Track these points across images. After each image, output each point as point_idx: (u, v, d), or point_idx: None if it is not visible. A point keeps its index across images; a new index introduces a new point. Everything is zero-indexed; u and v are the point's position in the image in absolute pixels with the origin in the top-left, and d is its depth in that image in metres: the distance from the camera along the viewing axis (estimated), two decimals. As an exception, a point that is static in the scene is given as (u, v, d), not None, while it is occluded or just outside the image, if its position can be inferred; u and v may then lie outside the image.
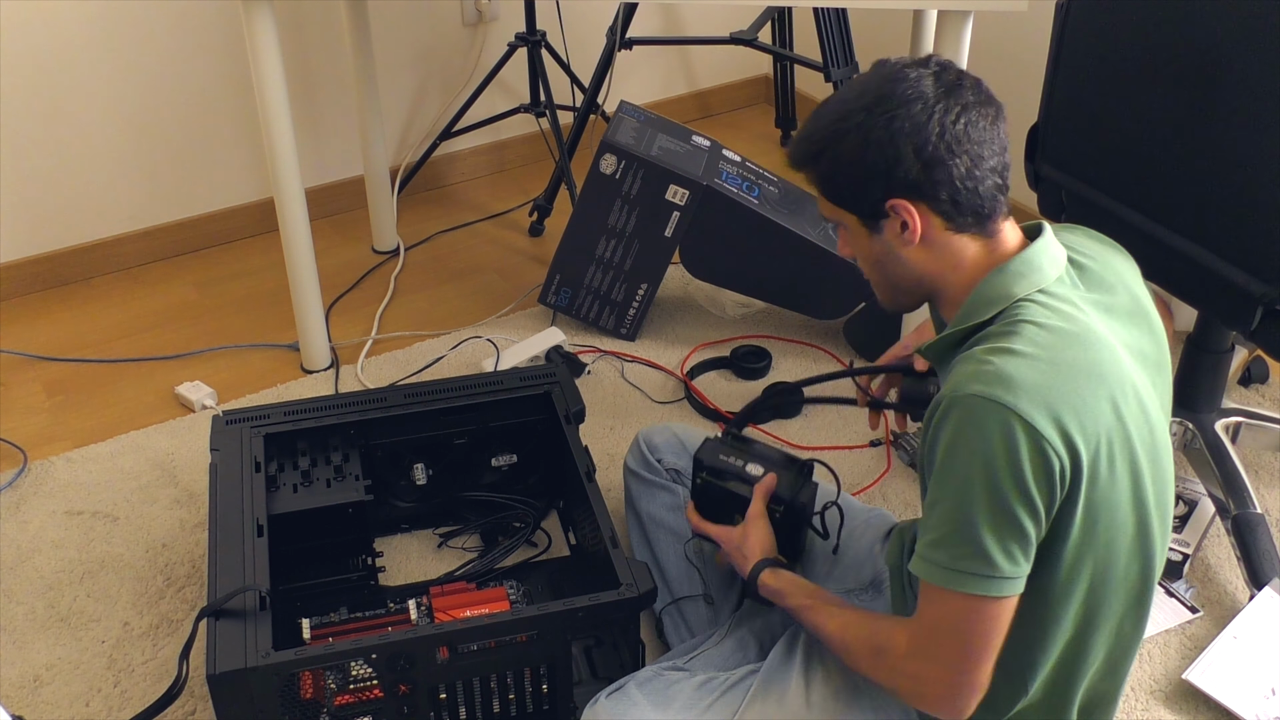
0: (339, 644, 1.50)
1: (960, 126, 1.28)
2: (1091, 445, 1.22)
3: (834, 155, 1.31)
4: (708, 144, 2.49)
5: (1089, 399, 1.22)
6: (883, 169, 1.28)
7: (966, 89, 1.31)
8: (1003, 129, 1.33)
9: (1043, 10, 2.08)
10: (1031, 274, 1.30)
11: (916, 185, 1.28)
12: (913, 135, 1.27)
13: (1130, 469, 1.27)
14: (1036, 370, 1.21)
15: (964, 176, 1.28)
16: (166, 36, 2.62)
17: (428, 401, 1.92)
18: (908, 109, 1.27)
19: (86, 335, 2.57)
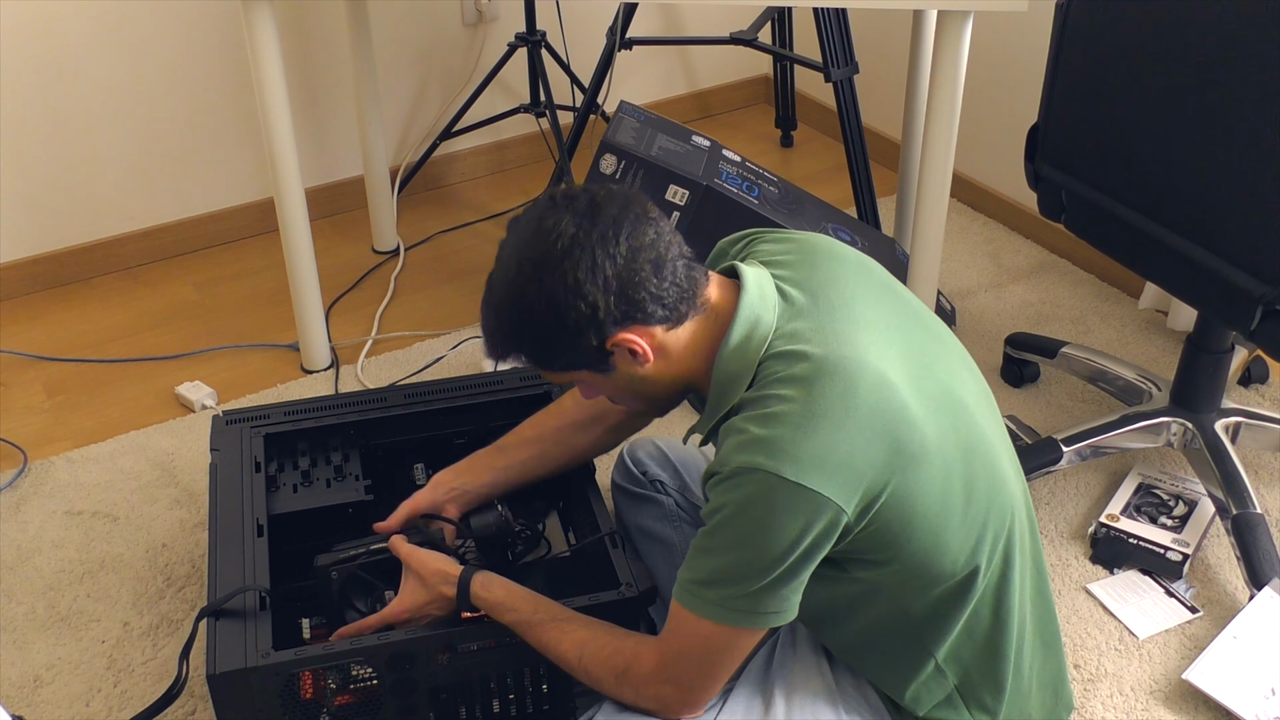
0: (339, 644, 1.50)
1: (625, 244, 1.28)
2: (869, 476, 1.24)
3: (532, 333, 1.32)
4: (708, 144, 2.49)
5: (853, 434, 1.24)
6: (586, 319, 1.28)
7: (603, 206, 1.30)
8: (659, 219, 1.33)
9: (1043, 10, 2.08)
10: (756, 329, 1.31)
11: (625, 315, 1.29)
12: (591, 277, 1.27)
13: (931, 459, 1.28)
14: (796, 429, 1.23)
15: (658, 282, 1.29)
16: (167, 37, 2.62)
17: (428, 401, 1.92)
18: (571, 259, 1.27)
19: (86, 335, 2.57)
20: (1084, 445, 2.03)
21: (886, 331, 1.34)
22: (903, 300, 1.42)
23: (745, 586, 1.27)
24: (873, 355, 1.29)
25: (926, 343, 1.38)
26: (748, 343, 1.31)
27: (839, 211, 2.54)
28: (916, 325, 1.39)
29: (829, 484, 1.22)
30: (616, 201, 1.31)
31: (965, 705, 1.42)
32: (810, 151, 3.29)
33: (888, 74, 3.01)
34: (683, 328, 1.33)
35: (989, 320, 2.55)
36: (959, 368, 1.41)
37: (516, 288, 1.30)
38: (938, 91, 2.02)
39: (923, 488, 1.28)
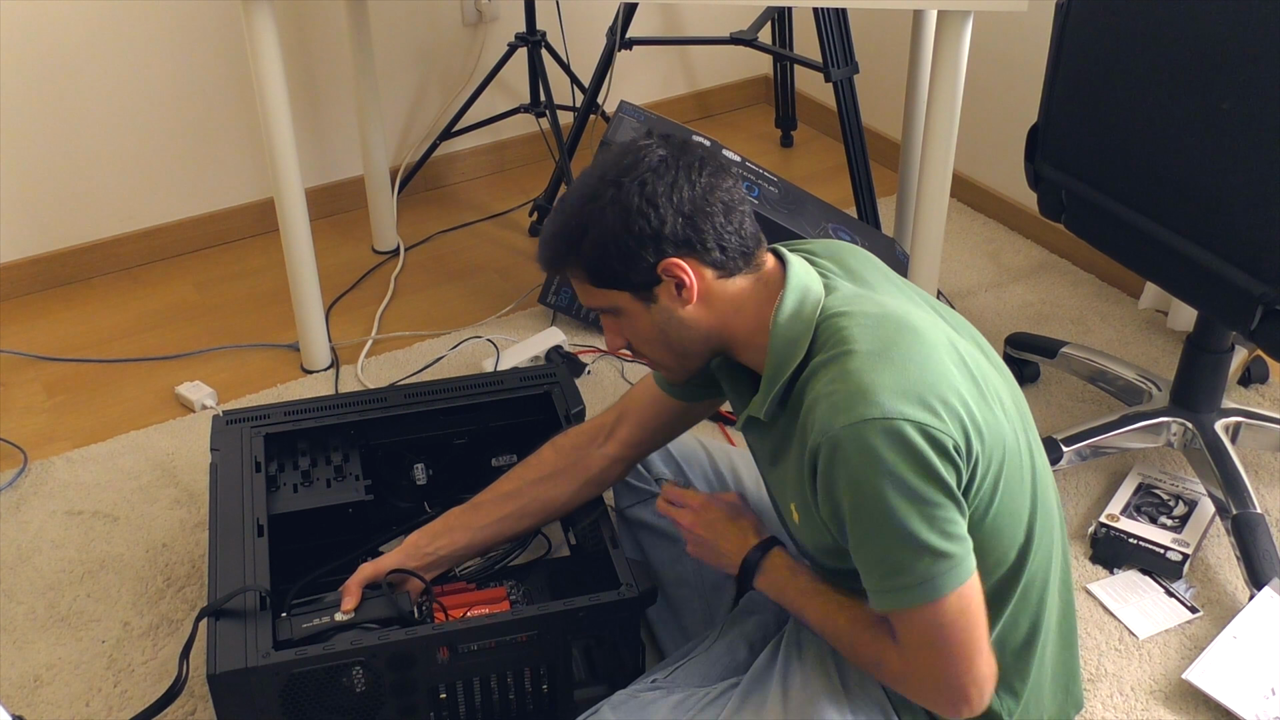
0: (339, 644, 1.50)
1: (706, 179, 1.32)
2: (962, 407, 1.24)
3: (596, 235, 1.32)
4: (708, 144, 2.48)
5: (939, 370, 1.25)
6: (650, 234, 1.30)
7: (694, 147, 1.35)
8: (736, 176, 1.37)
9: (1043, 10, 2.08)
10: (808, 295, 1.33)
11: (686, 241, 1.31)
12: (668, 194, 1.30)
13: (1000, 405, 1.31)
14: (881, 369, 1.23)
15: (725, 222, 1.32)
16: (167, 36, 2.62)
17: (428, 401, 1.92)
18: (655, 174, 1.30)
19: (86, 335, 2.57)
20: (1084, 445, 2.03)
21: (926, 310, 1.37)
22: (928, 299, 1.45)
23: (913, 544, 1.23)
24: (927, 321, 1.32)
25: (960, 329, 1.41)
26: (801, 307, 1.32)
27: (839, 211, 2.54)
28: (948, 316, 1.43)
29: (929, 414, 1.21)
30: (705, 150, 1.35)
31: (999, 689, 1.41)
32: (810, 151, 3.29)
33: (888, 74, 3.01)
34: (733, 281, 1.34)
35: (989, 320, 2.55)
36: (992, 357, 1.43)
37: (593, 191, 1.32)
38: (938, 91, 2.02)
39: (1003, 440, 1.29)
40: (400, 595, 1.57)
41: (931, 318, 1.35)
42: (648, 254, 1.31)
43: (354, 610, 1.55)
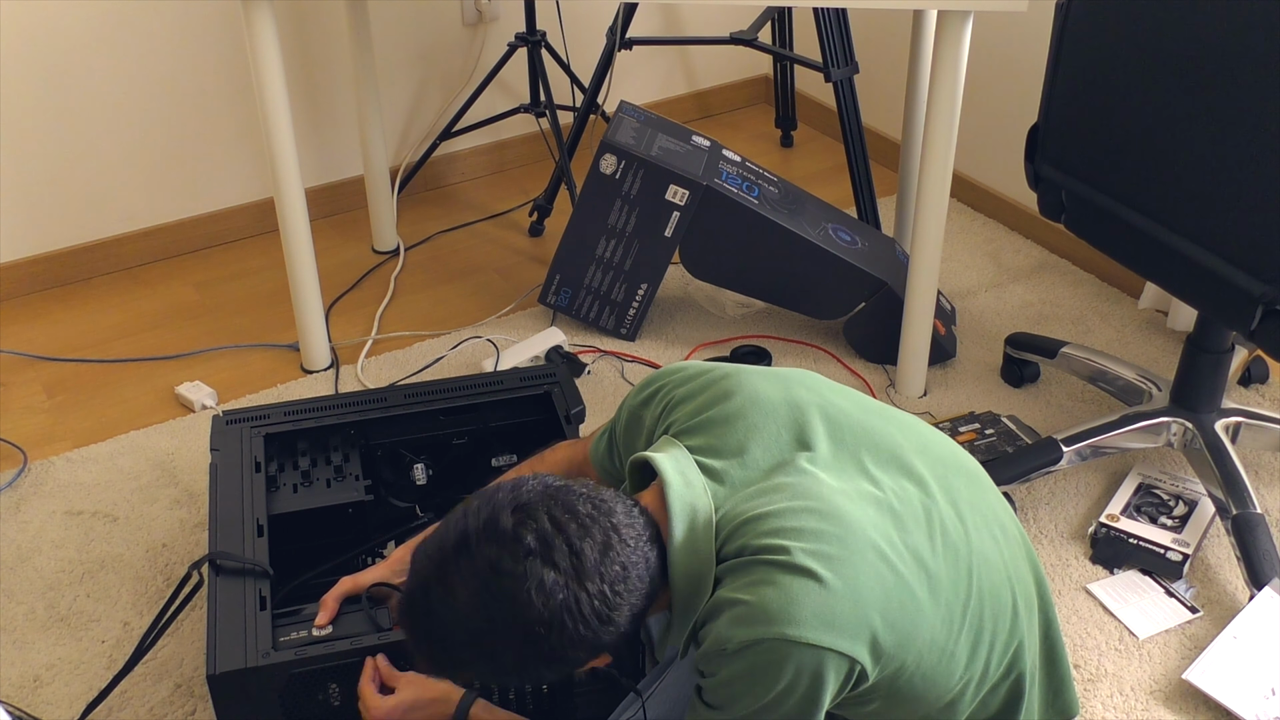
0: (339, 644, 1.50)
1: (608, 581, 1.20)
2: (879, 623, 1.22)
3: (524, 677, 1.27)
4: (708, 144, 2.49)
5: (856, 580, 1.21)
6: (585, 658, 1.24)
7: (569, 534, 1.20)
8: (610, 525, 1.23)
9: (1043, 10, 2.09)
10: (697, 519, 1.26)
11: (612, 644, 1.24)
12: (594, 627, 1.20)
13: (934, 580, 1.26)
14: (792, 587, 1.19)
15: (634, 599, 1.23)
16: (167, 36, 2.62)
17: (428, 401, 1.92)
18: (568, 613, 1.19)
19: (86, 335, 2.57)
20: (1084, 445, 2.03)
21: (835, 458, 1.30)
22: (838, 408, 1.37)
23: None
24: (839, 496, 1.25)
25: (879, 443, 1.35)
26: (693, 536, 1.26)
27: (839, 211, 2.54)
28: (861, 430, 1.36)
29: (848, 639, 1.20)
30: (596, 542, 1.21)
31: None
32: (810, 151, 3.29)
33: (888, 74, 3.01)
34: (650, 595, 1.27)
35: (989, 320, 2.55)
36: (919, 459, 1.37)
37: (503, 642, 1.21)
38: (938, 91, 2.02)
39: (927, 624, 1.26)
40: (380, 611, 1.56)
41: (837, 484, 1.27)
42: (575, 666, 1.25)
43: (329, 625, 1.53)
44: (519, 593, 1.18)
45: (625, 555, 1.22)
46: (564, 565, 1.19)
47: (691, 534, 1.26)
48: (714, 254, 2.43)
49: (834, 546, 1.22)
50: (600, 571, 1.20)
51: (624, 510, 1.25)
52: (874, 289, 2.38)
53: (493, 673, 1.26)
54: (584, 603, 1.19)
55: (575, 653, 1.22)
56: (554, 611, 1.18)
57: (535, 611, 1.18)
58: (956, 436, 2.17)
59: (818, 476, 1.28)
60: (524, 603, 1.18)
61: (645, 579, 1.24)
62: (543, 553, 1.19)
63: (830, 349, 2.46)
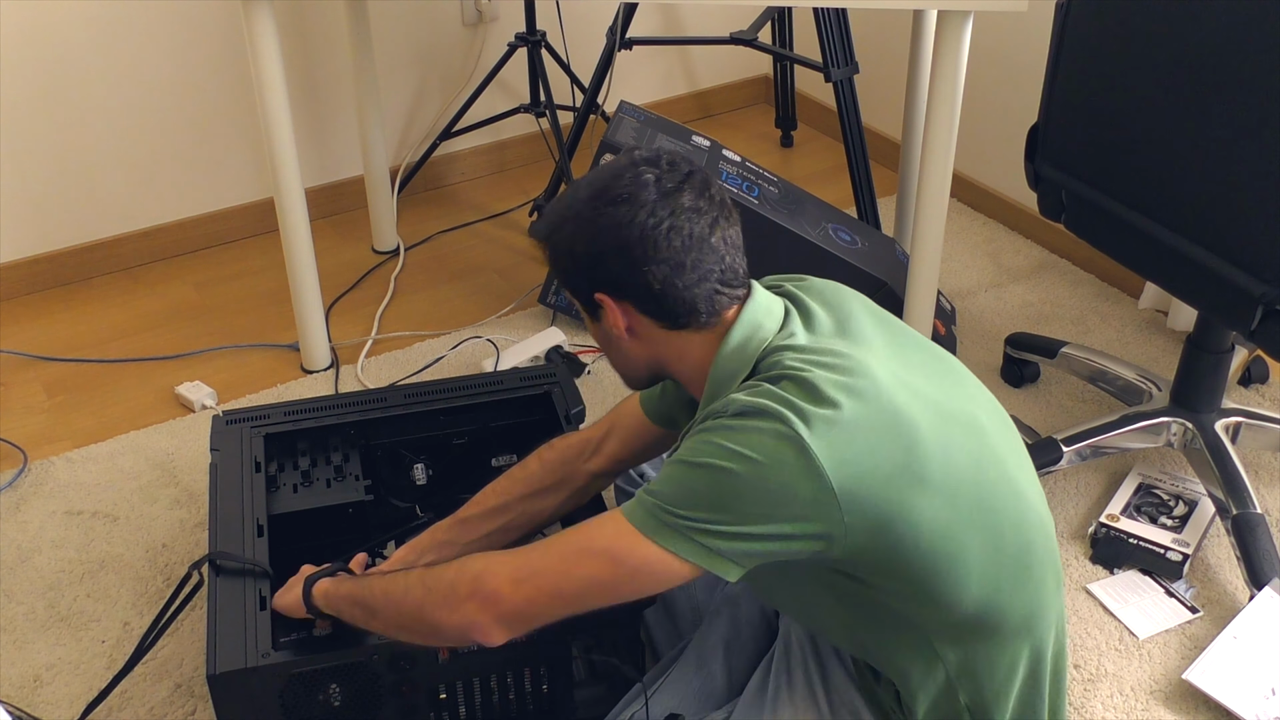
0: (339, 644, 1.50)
1: (663, 231, 1.27)
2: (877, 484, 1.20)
3: (555, 242, 1.33)
4: (708, 144, 2.49)
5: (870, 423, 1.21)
6: (586, 263, 1.30)
7: (687, 193, 1.30)
8: (729, 233, 1.32)
9: (1043, 10, 2.09)
10: (755, 334, 1.30)
11: (617, 285, 1.30)
12: (614, 233, 1.27)
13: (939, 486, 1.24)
14: (814, 395, 1.20)
15: (664, 283, 1.28)
16: (167, 37, 2.62)
17: (428, 401, 1.92)
18: (616, 207, 1.27)
19: (86, 335, 2.57)
20: (1084, 445, 2.03)
21: (898, 359, 1.31)
22: (913, 338, 1.40)
23: (705, 532, 1.20)
24: (881, 369, 1.26)
25: (945, 374, 1.36)
26: (746, 344, 1.30)
27: (839, 211, 2.54)
28: (932, 358, 1.37)
29: (832, 459, 1.17)
30: (703, 198, 1.30)
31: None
32: (810, 151, 3.29)
33: (888, 74, 3.01)
34: (677, 334, 1.32)
35: (989, 320, 2.55)
36: (978, 398, 1.38)
37: (574, 197, 1.31)
38: (938, 91, 2.02)
39: (928, 508, 1.23)
40: None
41: (893, 368, 1.28)
42: (583, 280, 1.31)
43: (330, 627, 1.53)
44: (626, 169, 1.29)
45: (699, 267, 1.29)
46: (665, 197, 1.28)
47: (744, 343, 1.30)
48: (714, 254, 2.42)
49: (857, 387, 1.22)
50: (678, 244, 1.27)
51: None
52: (874, 289, 2.38)
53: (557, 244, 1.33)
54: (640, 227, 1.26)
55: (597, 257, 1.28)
56: (613, 199, 1.27)
57: (614, 184, 1.28)
58: (956, 436, 2.17)
59: (872, 355, 1.29)
60: (618, 177, 1.29)
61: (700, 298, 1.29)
62: (672, 176, 1.30)
63: (830, 349, 2.46)
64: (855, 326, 1.34)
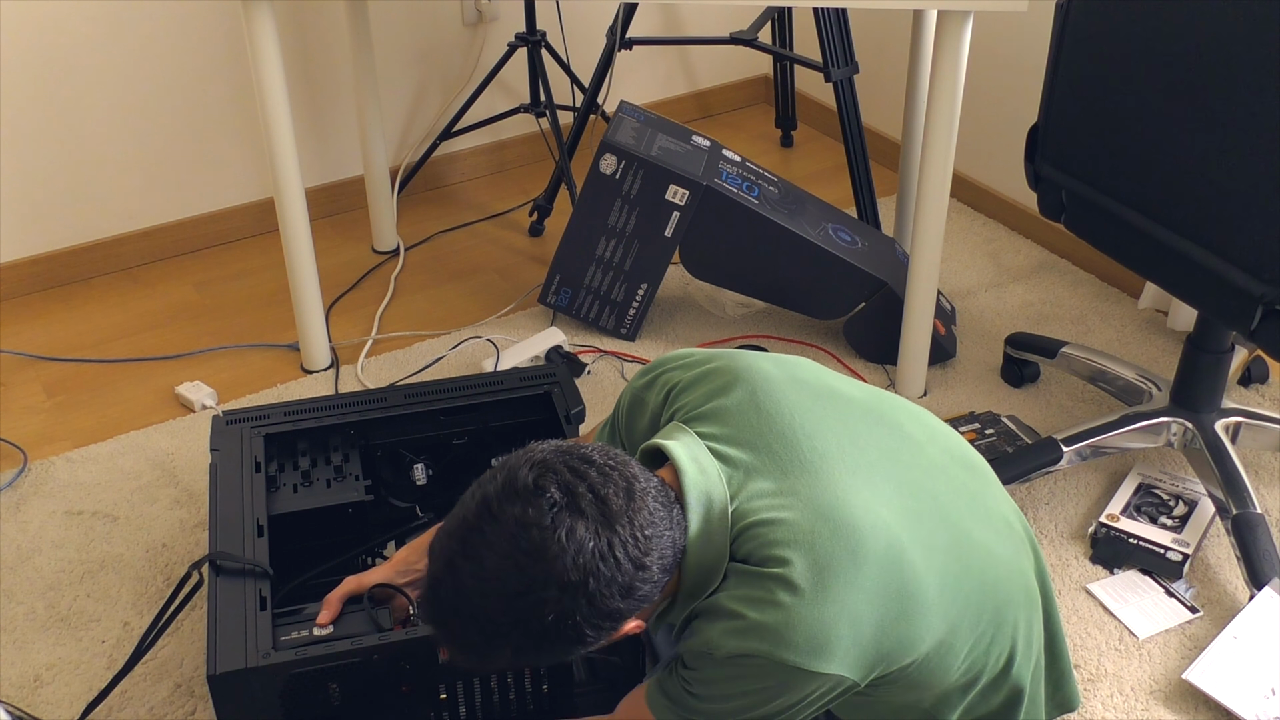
0: (339, 644, 1.50)
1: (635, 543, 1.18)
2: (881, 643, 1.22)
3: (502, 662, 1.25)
4: (708, 144, 2.49)
5: (864, 605, 1.20)
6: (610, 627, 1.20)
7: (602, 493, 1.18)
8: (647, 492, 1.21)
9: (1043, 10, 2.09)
10: (712, 510, 1.24)
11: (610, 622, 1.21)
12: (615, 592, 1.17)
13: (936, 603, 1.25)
14: (797, 612, 1.18)
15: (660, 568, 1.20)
16: (167, 36, 2.62)
17: (428, 401, 1.92)
18: (592, 575, 1.15)
19: (86, 335, 2.57)
20: (1084, 445, 2.03)
21: (845, 454, 1.28)
22: (845, 400, 1.36)
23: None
24: (853, 497, 1.24)
25: (886, 442, 1.33)
26: (709, 526, 1.24)
27: (839, 211, 2.54)
28: (870, 426, 1.34)
29: (837, 663, 1.19)
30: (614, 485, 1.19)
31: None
32: (810, 151, 3.29)
33: (888, 74, 3.01)
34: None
35: (989, 320, 2.55)
36: (927, 453, 1.36)
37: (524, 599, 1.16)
38: (938, 91, 2.02)
39: (930, 632, 1.25)
40: (381, 612, 1.56)
41: (850, 482, 1.25)
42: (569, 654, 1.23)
43: (331, 624, 1.53)
44: (550, 544, 1.14)
45: (649, 502, 1.20)
46: (591, 512, 1.16)
47: (707, 525, 1.24)
48: (714, 254, 2.43)
49: (840, 562, 1.20)
50: (629, 516, 1.17)
51: (640, 469, 1.23)
52: (874, 289, 2.38)
53: (533, 645, 1.19)
54: (616, 546, 1.16)
55: (614, 603, 1.18)
56: (588, 559, 1.15)
57: (569, 560, 1.14)
58: (956, 436, 2.17)
59: (830, 475, 1.26)
60: (556, 554, 1.14)
61: (671, 530, 1.21)
62: (568, 503, 1.16)
63: (830, 349, 2.46)
64: (803, 446, 1.28)
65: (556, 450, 1.21)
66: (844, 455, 1.29)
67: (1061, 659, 1.50)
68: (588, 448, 1.23)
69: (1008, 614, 1.35)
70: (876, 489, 1.27)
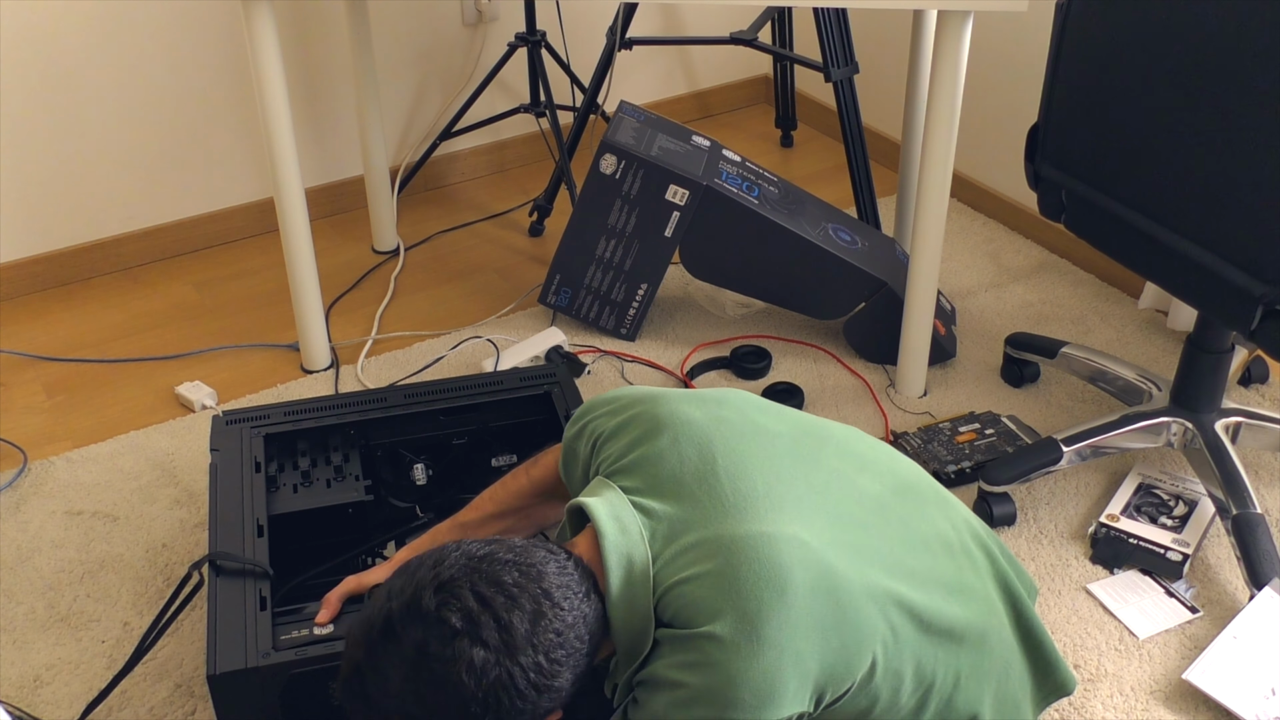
0: (339, 644, 1.50)
1: (544, 650, 1.18)
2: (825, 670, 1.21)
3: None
4: (708, 144, 2.49)
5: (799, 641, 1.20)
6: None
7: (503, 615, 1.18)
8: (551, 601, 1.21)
9: (1043, 10, 2.09)
10: (633, 571, 1.24)
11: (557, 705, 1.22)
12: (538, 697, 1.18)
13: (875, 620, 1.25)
14: (734, 668, 1.18)
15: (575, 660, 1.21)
16: (167, 36, 2.62)
17: (428, 401, 1.92)
18: (505, 691, 1.17)
19: (86, 335, 2.57)
20: (1084, 445, 2.03)
21: (770, 493, 1.28)
22: (772, 434, 1.36)
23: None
24: (778, 534, 1.23)
25: (814, 471, 1.33)
26: (631, 588, 1.24)
27: (839, 211, 2.54)
28: (795, 458, 1.34)
29: (790, 704, 1.19)
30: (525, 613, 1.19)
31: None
32: (810, 151, 3.29)
33: (888, 74, 3.01)
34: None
35: (989, 320, 2.55)
36: (856, 482, 1.36)
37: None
38: (938, 91, 2.02)
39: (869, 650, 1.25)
40: None
41: (774, 514, 1.25)
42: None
43: (330, 623, 1.53)
44: (450, 675, 1.16)
45: (559, 620, 1.20)
46: (493, 642, 1.17)
47: (628, 588, 1.24)
48: (714, 254, 2.43)
49: (769, 605, 1.20)
50: (533, 642, 1.18)
51: (556, 570, 1.23)
52: (874, 289, 2.38)
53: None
54: (518, 676, 1.17)
55: (525, 714, 1.19)
56: (488, 690, 1.16)
57: (469, 691, 1.16)
58: (956, 436, 2.17)
59: (754, 515, 1.25)
60: (456, 684, 1.16)
61: (585, 637, 1.22)
62: (469, 631, 1.16)
63: (830, 349, 2.46)
64: (725, 491, 1.27)
65: (466, 568, 1.21)
66: (769, 494, 1.28)
67: (1043, 648, 1.49)
68: (501, 559, 1.22)
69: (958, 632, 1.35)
70: (806, 522, 1.27)
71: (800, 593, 1.21)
